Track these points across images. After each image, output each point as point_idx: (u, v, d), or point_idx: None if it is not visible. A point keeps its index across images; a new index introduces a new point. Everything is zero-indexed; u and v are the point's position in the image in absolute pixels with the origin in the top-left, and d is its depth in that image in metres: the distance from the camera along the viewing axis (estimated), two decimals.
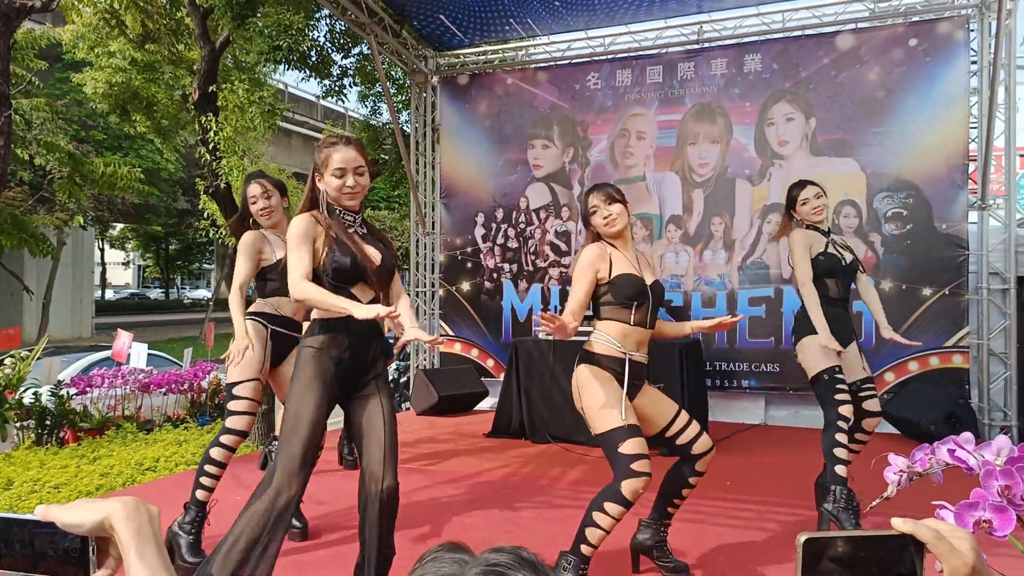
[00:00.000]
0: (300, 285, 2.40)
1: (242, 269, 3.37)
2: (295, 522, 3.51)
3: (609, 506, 2.65)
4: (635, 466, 2.63)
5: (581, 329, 2.91)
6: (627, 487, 2.61)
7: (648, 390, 2.91)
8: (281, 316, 3.48)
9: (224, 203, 9.12)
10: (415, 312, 7.91)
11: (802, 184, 3.77)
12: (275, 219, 3.54)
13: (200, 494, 3.25)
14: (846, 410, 3.46)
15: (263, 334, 3.40)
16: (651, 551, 3.01)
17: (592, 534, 2.68)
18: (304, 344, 2.53)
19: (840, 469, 3.48)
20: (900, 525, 0.74)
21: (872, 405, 3.68)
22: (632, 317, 2.84)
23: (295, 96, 24.30)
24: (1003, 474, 0.99)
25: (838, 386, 3.50)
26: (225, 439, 3.25)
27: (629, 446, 2.66)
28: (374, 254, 2.58)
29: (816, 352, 3.54)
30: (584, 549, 2.70)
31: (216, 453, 3.24)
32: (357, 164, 2.56)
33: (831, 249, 3.73)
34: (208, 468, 3.24)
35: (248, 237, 3.43)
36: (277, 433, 3.92)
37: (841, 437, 3.46)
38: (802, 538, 0.73)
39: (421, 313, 8.05)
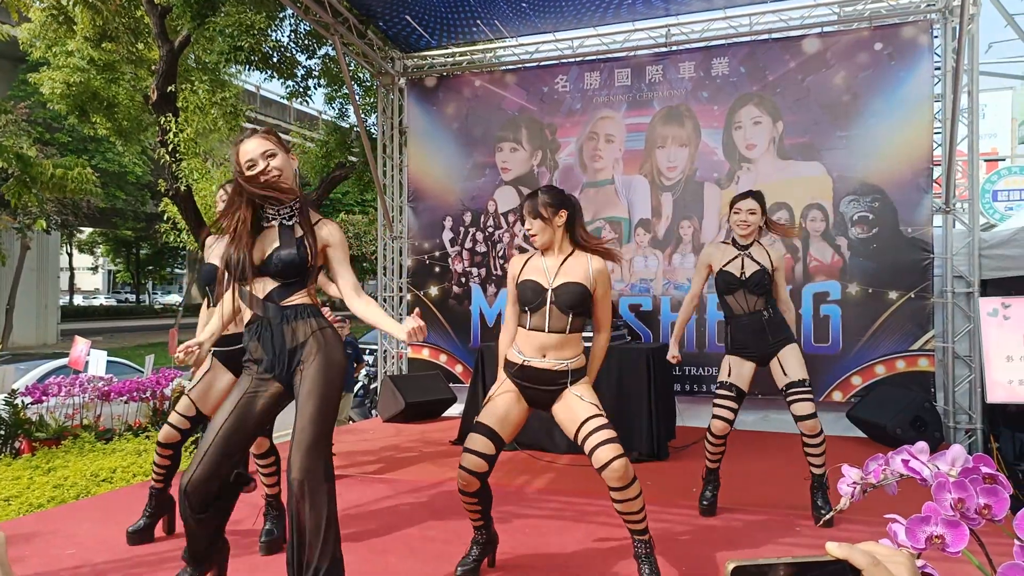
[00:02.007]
0: None
1: None
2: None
3: None
4: (462, 457, 2.90)
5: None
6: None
7: (566, 395, 2.89)
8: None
9: (185, 206, 8.94)
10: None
11: (745, 195, 3.81)
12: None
13: None
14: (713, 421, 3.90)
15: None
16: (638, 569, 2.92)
17: None
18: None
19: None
20: (835, 550, 0.68)
21: (798, 409, 3.65)
22: (528, 321, 2.90)
23: (267, 99, 24.07)
24: (956, 487, 0.93)
25: (715, 400, 3.94)
26: None
27: (468, 438, 2.93)
28: (261, 251, 2.50)
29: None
30: None
31: None
32: (263, 149, 2.51)
33: (734, 263, 3.75)
34: None
35: None
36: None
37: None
38: (730, 566, 0.67)
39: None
